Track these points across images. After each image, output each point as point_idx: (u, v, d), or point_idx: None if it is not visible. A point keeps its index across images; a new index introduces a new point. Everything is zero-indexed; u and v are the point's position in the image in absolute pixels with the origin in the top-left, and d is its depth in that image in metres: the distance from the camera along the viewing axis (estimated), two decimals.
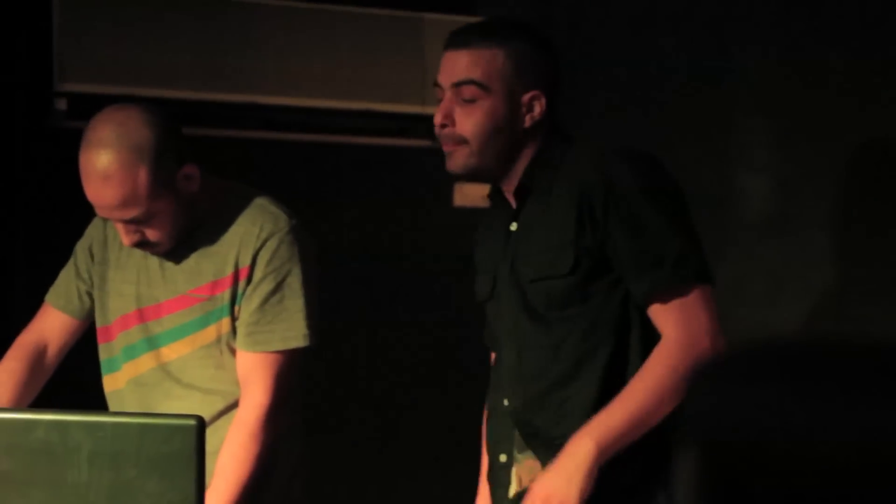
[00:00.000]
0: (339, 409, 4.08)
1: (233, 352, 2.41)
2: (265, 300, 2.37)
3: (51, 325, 2.55)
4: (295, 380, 2.46)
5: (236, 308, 2.39)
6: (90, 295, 2.54)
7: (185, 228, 2.37)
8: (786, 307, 3.22)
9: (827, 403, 0.89)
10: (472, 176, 2.32)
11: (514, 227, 2.29)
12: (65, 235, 2.66)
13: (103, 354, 2.52)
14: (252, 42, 3.81)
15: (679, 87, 3.66)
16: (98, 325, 2.52)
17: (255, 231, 2.38)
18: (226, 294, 2.39)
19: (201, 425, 1.81)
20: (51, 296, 2.57)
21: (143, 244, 2.35)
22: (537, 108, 2.23)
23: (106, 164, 2.22)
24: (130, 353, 2.46)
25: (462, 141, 2.21)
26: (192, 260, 2.41)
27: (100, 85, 3.59)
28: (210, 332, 2.40)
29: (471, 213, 4.28)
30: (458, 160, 2.24)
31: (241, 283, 2.38)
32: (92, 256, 2.54)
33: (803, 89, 3.13)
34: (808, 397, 0.89)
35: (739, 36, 3.41)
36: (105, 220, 2.46)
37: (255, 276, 2.37)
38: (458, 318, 4.29)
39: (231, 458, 2.31)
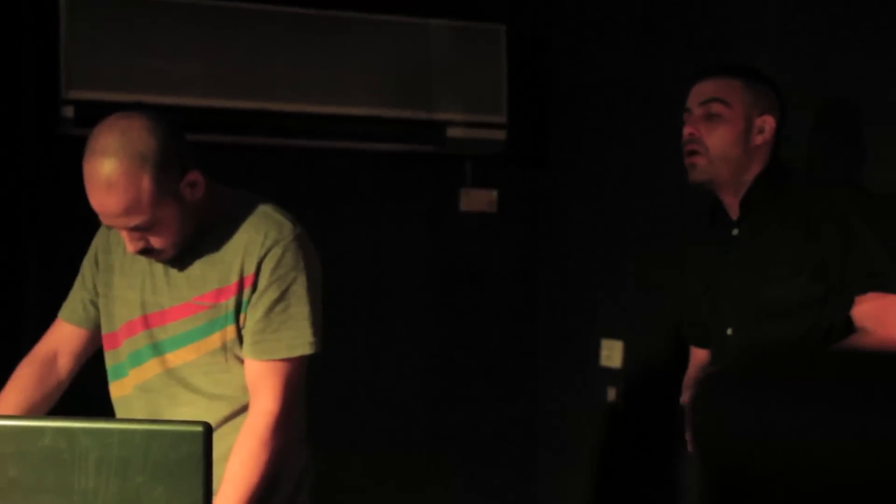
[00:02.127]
0: (345, 414, 4.08)
1: (238, 358, 2.41)
2: (270, 308, 2.37)
3: (59, 337, 2.58)
4: (302, 386, 2.47)
5: (242, 316, 2.39)
6: (95, 304, 2.55)
7: (189, 236, 2.37)
8: None
9: (827, 408, 0.89)
10: (709, 183, 2.69)
11: (735, 232, 2.70)
12: (73, 241, 2.67)
13: (109, 361, 2.53)
14: (259, 49, 3.81)
15: (686, 91, 3.66)
16: (104, 331, 2.53)
17: (260, 239, 2.38)
18: (230, 302, 2.39)
19: (208, 431, 1.81)
20: (61, 310, 2.61)
21: (147, 251, 2.35)
22: (767, 130, 2.66)
23: (109, 172, 2.22)
24: (136, 360, 2.46)
25: (704, 150, 2.66)
26: (197, 267, 2.41)
27: (107, 92, 3.60)
28: (215, 340, 2.40)
29: (476, 217, 4.28)
30: (698, 170, 2.68)
31: (247, 291, 2.38)
32: (97, 264, 2.55)
33: (816, 87, 3.13)
34: (808, 402, 0.89)
35: (748, 34, 3.40)
36: (108, 227, 2.47)
37: (259, 284, 2.37)
38: (465, 321, 4.29)
39: (240, 465, 2.32)
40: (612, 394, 3.96)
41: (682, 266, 2.91)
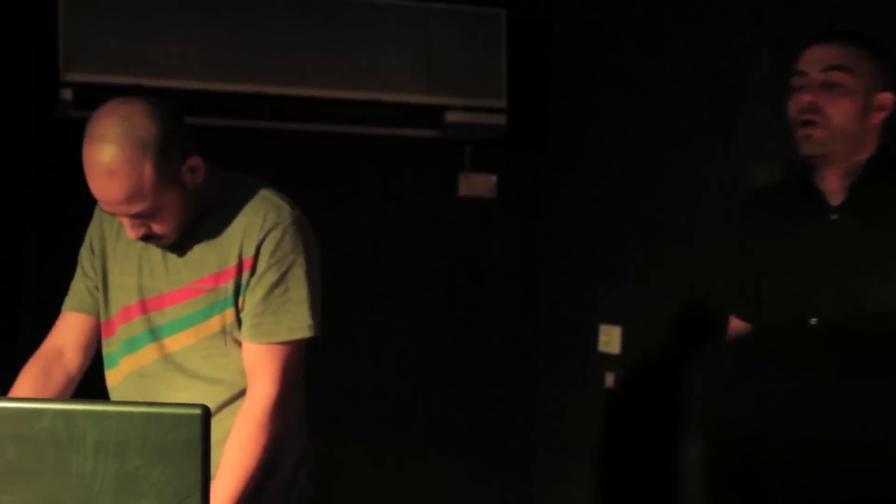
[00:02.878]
0: (344, 399, 4.08)
1: (237, 342, 2.41)
2: (269, 291, 2.37)
3: (67, 328, 2.55)
4: (300, 370, 2.46)
5: (240, 299, 2.39)
6: (98, 290, 2.54)
7: (190, 220, 2.36)
8: None
9: (832, 393, 0.88)
10: (820, 158, 2.51)
11: (834, 217, 2.51)
12: (71, 224, 2.66)
13: (105, 349, 2.51)
14: (258, 33, 3.80)
15: (689, 78, 3.66)
16: (101, 319, 2.52)
17: (259, 222, 2.37)
18: (229, 285, 2.38)
19: (207, 414, 1.80)
20: (66, 302, 2.58)
21: (148, 237, 2.34)
22: (887, 108, 2.51)
23: (110, 159, 2.21)
24: (132, 346, 2.45)
25: (824, 122, 2.47)
26: (196, 251, 2.40)
27: (105, 75, 3.59)
28: (213, 323, 2.39)
29: (476, 202, 4.28)
30: (814, 143, 2.48)
31: (245, 275, 2.37)
32: (93, 251, 2.54)
33: None
34: (813, 387, 0.88)
35: (747, 26, 3.40)
36: (101, 214, 2.46)
37: (258, 267, 2.37)
38: (464, 306, 4.28)
39: (238, 448, 2.31)
40: (610, 379, 3.96)
41: (743, 240, 2.68)
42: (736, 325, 2.74)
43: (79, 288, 2.57)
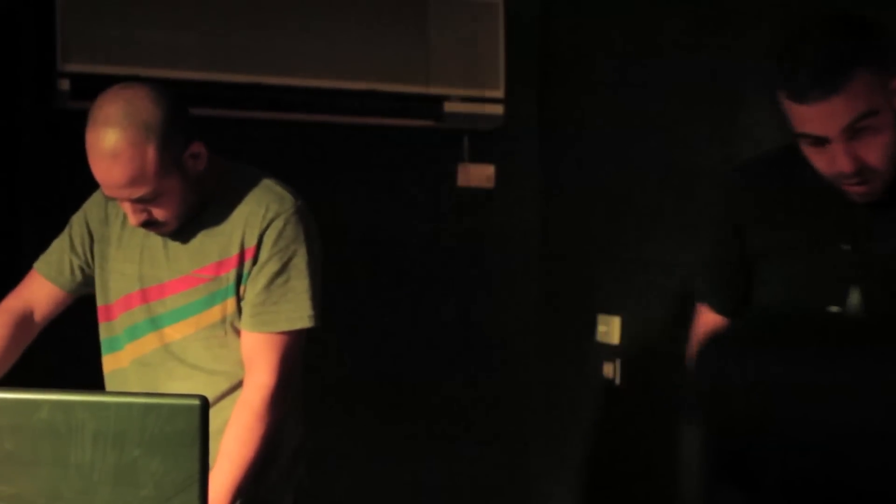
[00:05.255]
0: (342, 389, 4.08)
1: (237, 332, 2.40)
2: (271, 281, 2.37)
3: (37, 293, 2.54)
4: (299, 360, 2.46)
5: (241, 288, 2.39)
6: (83, 270, 2.53)
7: (191, 208, 2.36)
8: None
9: (828, 372, 0.88)
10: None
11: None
12: (68, 215, 2.66)
13: (104, 333, 2.51)
14: (256, 22, 3.79)
15: (686, 69, 3.65)
16: (99, 303, 2.52)
17: (261, 212, 2.37)
18: (231, 274, 2.38)
19: (205, 405, 1.80)
20: (40, 264, 2.56)
21: (149, 224, 2.34)
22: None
23: (114, 143, 2.21)
24: (133, 334, 2.45)
25: (868, 175, 2.04)
26: (197, 240, 2.40)
27: (103, 65, 3.59)
28: (214, 313, 2.39)
29: (474, 192, 4.28)
30: (868, 194, 2.07)
31: (247, 264, 2.37)
32: (91, 233, 2.53)
33: None
34: (810, 367, 0.88)
35: (747, 9, 3.39)
36: (106, 198, 2.46)
37: (260, 256, 2.37)
38: (462, 297, 4.28)
39: (235, 439, 2.31)
40: (608, 369, 3.96)
41: (736, 216, 2.33)
42: (708, 318, 2.41)
43: (61, 259, 2.54)
